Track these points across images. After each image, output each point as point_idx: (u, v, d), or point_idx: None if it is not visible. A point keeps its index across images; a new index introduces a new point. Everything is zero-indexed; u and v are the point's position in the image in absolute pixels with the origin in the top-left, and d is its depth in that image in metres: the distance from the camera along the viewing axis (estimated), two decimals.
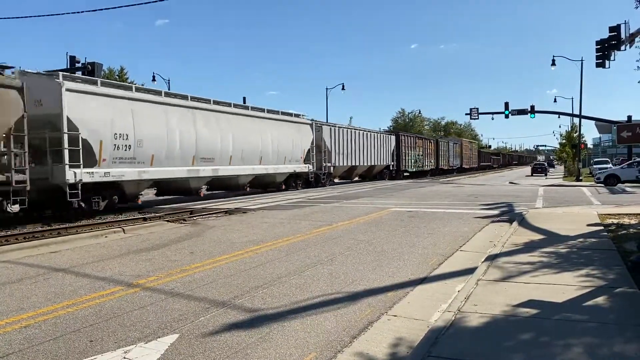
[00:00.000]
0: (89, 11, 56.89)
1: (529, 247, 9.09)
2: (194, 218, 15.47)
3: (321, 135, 30.78)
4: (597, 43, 24.64)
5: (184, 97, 20.00)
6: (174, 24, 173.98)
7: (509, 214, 15.52)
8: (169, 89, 40.98)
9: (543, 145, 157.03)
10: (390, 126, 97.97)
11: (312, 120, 30.24)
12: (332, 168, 32.33)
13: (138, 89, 18.63)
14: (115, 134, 16.04)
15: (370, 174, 40.96)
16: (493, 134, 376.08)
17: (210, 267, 8.39)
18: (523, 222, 12.51)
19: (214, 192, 24.81)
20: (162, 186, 19.91)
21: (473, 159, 76.42)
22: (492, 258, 8.18)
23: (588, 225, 11.62)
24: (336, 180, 36.57)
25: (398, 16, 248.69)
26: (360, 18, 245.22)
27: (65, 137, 14.36)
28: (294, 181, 28.61)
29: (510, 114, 42.72)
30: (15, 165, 12.59)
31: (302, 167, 28.38)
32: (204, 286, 7.14)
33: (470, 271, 7.58)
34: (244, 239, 11.28)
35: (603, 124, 40.80)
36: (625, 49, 22.84)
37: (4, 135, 12.43)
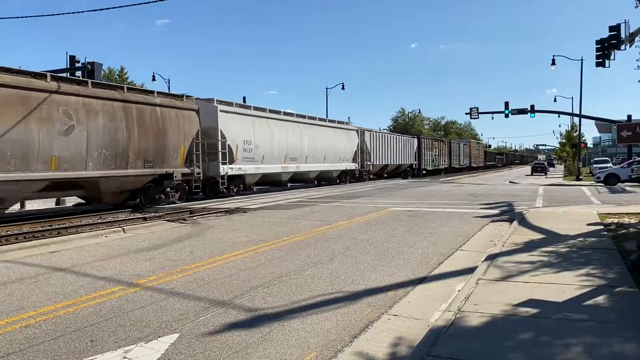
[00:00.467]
0: (89, 11, 56.94)
1: (529, 246, 9.10)
2: (194, 218, 15.48)
3: (364, 139, 37.24)
4: (597, 42, 24.65)
5: (278, 112, 27.51)
6: (174, 24, 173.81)
7: (509, 213, 15.52)
8: (168, 89, 41.45)
9: (543, 145, 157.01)
10: (390, 125, 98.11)
11: (357, 127, 37.19)
12: (371, 166, 38.88)
13: (255, 108, 25.87)
14: (244, 140, 23.71)
15: (398, 172, 46.54)
16: (493, 134, 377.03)
17: (211, 267, 8.39)
18: (523, 222, 12.52)
19: (294, 184, 31.06)
20: (265, 179, 26.77)
21: (480, 158, 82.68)
22: (492, 257, 8.18)
23: (588, 224, 11.62)
24: (371, 177, 41.04)
25: (398, 15, 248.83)
26: (360, 17, 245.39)
27: (219, 143, 21.85)
28: (344, 176, 35.39)
29: (510, 114, 42.71)
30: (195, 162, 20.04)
31: (351, 165, 35.53)
32: (204, 286, 7.15)
33: (470, 271, 7.58)
34: (244, 239, 11.29)
35: (603, 124, 40.85)
36: (625, 49, 22.87)
37: (190, 142, 19.52)
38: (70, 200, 19.95)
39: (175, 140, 18.74)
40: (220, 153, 21.78)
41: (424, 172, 51.64)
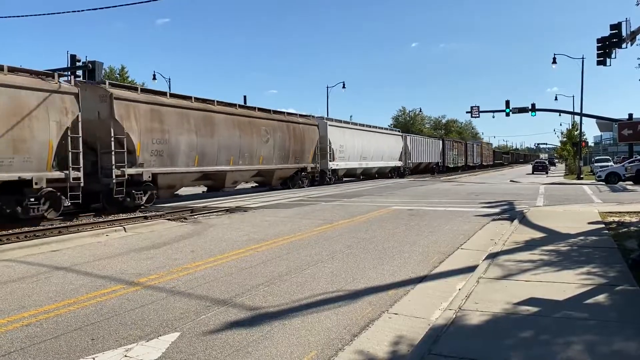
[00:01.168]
0: (89, 10, 56.89)
1: (529, 245, 9.09)
2: (195, 216, 15.48)
3: (406, 142, 46.86)
4: (599, 41, 24.61)
5: (355, 124, 38.13)
6: (175, 23, 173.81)
7: (510, 212, 15.52)
8: (169, 88, 41.71)
9: (544, 144, 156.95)
10: (391, 124, 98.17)
11: (401, 132, 49.24)
12: (411, 164, 48.33)
13: (344, 122, 36.53)
14: (339, 145, 33.36)
15: (428, 169, 54.92)
16: (494, 133, 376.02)
17: (211, 266, 8.40)
18: (524, 220, 12.51)
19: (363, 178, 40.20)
20: (347, 173, 36.48)
21: (489, 157, 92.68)
22: (493, 256, 8.18)
23: (589, 223, 11.61)
24: (409, 172, 49.26)
25: (399, 14, 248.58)
26: (361, 16, 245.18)
27: (328, 147, 31.48)
28: (393, 173, 44.63)
29: (511, 112, 42.60)
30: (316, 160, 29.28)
31: (398, 163, 45.07)
32: (205, 284, 7.15)
33: (471, 269, 7.58)
34: (244, 238, 11.29)
35: (604, 122, 40.83)
36: (626, 47, 22.87)
37: (314, 147, 29.31)
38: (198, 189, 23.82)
39: (307, 145, 28.87)
40: (328, 154, 31.62)
41: (447, 168, 60.20)
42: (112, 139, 16.02)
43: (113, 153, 15.97)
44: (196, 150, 19.68)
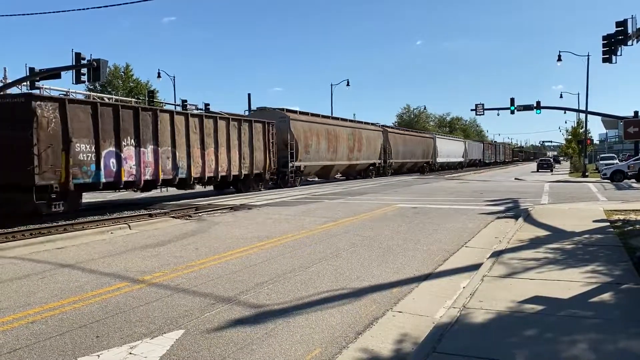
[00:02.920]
0: (94, 8, 56.94)
1: (534, 243, 9.07)
2: (200, 214, 15.52)
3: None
4: (604, 38, 24.48)
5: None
6: (181, 21, 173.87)
7: (515, 210, 15.47)
8: (174, 86, 42.09)
9: (549, 141, 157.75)
10: (395, 122, 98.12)
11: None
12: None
13: (438, 133, 68.10)
14: (441, 149, 58.56)
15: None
16: (498, 130, 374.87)
17: (216, 263, 8.42)
18: (528, 218, 12.48)
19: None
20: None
21: (510, 155, 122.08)
22: (497, 254, 8.16)
23: (594, 221, 11.57)
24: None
25: (404, 12, 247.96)
26: (366, 14, 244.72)
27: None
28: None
29: (515, 110, 42.62)
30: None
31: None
32: (209, 282, 7.17)
33: (475, 267, 7.57)
34: (249, 235, 11.31)
35: (609, 120, 40.60)
36: (632, 44, 22.68)
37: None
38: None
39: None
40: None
41: (485, 162, 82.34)
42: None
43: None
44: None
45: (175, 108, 38.05)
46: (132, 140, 16.74)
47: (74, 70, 23.50)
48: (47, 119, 13.88)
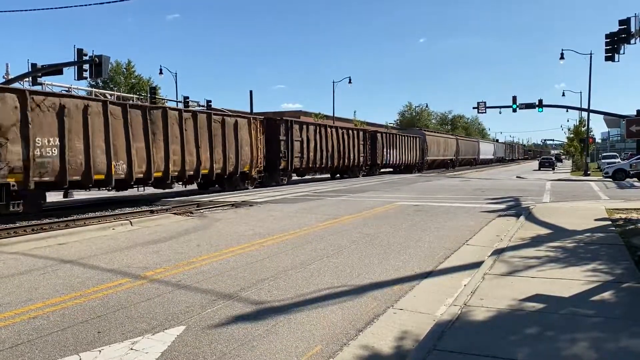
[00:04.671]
0: (97, 4, 56.77)
1: (535, 241, 9.07)
2: (201, 211, 15.53)
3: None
4: (607, 36, 24.39)
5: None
6: (185, 18, 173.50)
7: (516, 208, 15.46)
8: (176, 82, 41.95)
9: (551, 140, 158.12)
10: (397, 120, 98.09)
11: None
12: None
13: (480, 137, 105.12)
14: (482, 150, 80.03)
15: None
16: (500, 128, 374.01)
17: (217, 260, 8.43)
18: (530, 217, 12.47)
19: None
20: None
21: (521, 153, 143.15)
22: (498, 252, 8.16)
23: (595, 219, 11.56)
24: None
25: (407, 10, 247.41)
26: (369, 12, 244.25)
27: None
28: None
29: (518, 108, 42.53)
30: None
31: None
32: (210, 278, 7.18)
33: (476, 265, 7.57)
34: (250, 232, 11.32)
35: (612, 118, 40.47)
36: (635, 43, 22.58)
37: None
38: None
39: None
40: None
41: (505, 159, 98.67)
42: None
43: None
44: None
45: (177, 105, 38.05)
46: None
47: (76, 67, 23.49)
48: None
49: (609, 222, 11.11)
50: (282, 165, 26.87)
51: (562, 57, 39.87)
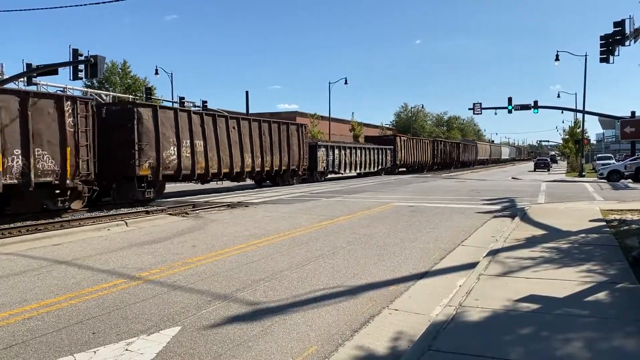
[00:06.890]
0: (92, 4, 56.68)
1: (530, 242, 9.10)
2: (197, 211, 15.51)
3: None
4: (602, 38, 24.53)
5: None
6: (183, 19, 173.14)
7: (511, 209, 15.51)
8: (171, 83, 41.96)
9: (546, 141, 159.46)
10: (393, 121, 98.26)
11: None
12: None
13: (493, 142, 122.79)
14: (503, 152, 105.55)
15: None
16: (496, 130, 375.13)
17: (212, 260, 8.42)
18: (525, 218, 12.51)
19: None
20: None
21: (525, 154, 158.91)
22: (493, 253, 8.18)
23: (590, 220, 11.60)
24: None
25: (403, 11, 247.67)
26: (365, 13, 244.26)
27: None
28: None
29: (513, 109, 42.75)
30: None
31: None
32: (206, 279, 7.17)
33: (471, 266, 7.59)
34: (245, 233, 11.31)
35: (606, 120, 40.77)
36: (629, 44, 22.77)
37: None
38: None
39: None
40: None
41: (514, 159, 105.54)
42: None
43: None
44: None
45: (172, 105, 37.96)
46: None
47: (71, 67, 23.41)
48: None
49: (604, 223, 11.16)
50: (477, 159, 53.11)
51: (557, 59, 40.03)
